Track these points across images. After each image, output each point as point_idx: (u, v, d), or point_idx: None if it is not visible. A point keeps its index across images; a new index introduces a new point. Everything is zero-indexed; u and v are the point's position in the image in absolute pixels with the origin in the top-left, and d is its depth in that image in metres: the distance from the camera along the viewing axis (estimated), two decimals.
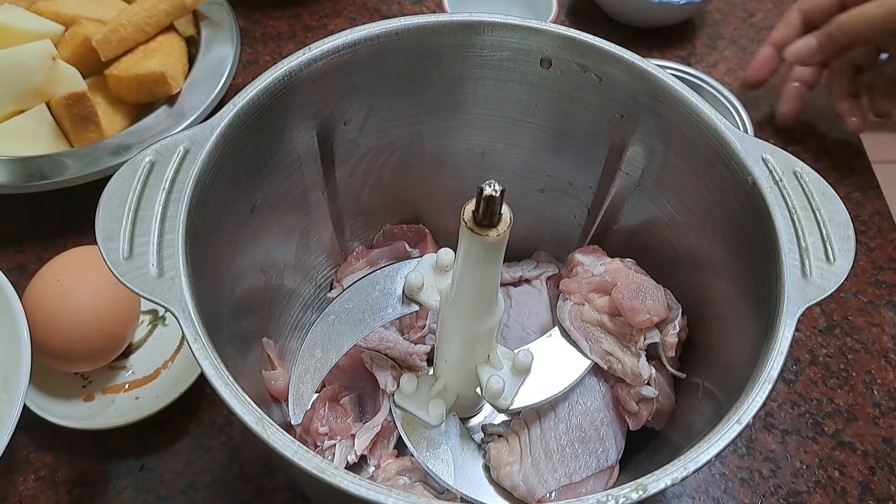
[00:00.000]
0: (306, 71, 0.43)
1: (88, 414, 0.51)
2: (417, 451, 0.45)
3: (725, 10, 0.85)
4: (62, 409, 0.51)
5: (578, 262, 0.49)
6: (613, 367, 0.46)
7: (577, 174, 0.51)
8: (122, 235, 0.35)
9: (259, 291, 0.47)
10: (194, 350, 0.33)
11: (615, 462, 0.46)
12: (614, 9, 0.81)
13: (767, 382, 0.33)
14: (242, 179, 0.42)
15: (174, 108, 0.64)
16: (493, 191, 0.32)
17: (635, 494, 0.30)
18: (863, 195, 0.69)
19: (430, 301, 0.44)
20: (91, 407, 0.52)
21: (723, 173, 0.42)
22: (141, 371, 0.54)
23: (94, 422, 0.50)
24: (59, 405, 0.51)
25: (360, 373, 0.50)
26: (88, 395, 0.52)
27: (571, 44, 0.45)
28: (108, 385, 0.53)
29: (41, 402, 0.50)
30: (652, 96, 0.44)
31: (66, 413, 0.51)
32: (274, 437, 0.30)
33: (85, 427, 0.50)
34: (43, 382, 0.51)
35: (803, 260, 0.37)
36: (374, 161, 0.51)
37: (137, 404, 0.52)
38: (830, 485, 0.52)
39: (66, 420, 0.50)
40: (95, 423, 0.50)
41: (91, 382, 0.53)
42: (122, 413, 0.51)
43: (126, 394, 0.52)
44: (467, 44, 0.46)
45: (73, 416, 0.50)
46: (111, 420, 0.50)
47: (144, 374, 0.54)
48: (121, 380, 0.53)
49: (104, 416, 0.51)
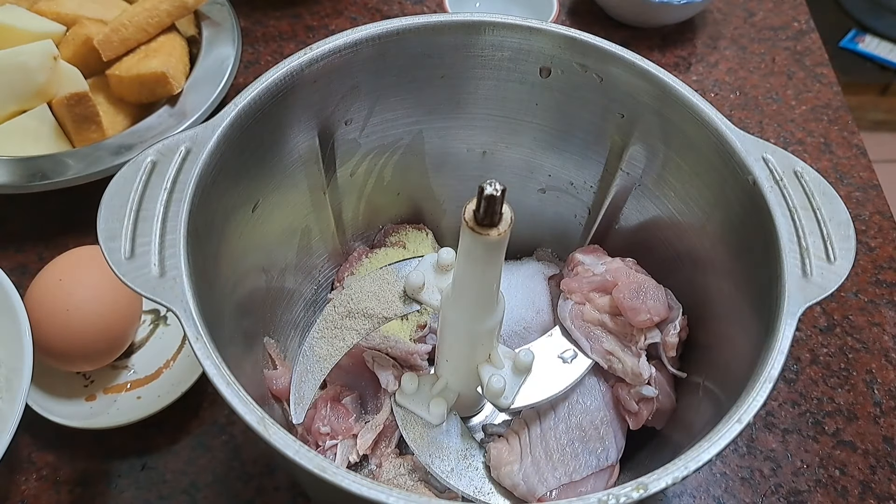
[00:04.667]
0: (307, 71, 0.43)
1: (90, 413, 0.51)
2: (418, 450, 0.45)
3: (726, 10, 0.85)
4: (64, 408, 0.51)
5: (579, 262, 0.49)
6: (614, 366, 0.46)
7: (578, 174, 0.52)
8: (124, 235, 0.35)
9: (260, 291, 0.47)
10: (196, 349, 0.33)
11: (615, 461, 0.46)
12: (615, 9, 0.81)
13: (768, 382, 0.33)
14: (244, 179, 0.42)
15: (175, 108, 0.64)
16: (494, 190, 0.32)
17: (636, 493, 0.30)
18: (863, 195, 0.69)
19: (431, 300, 0.45)
20: (93, 406, 0.52)
21: (723, 173, 0.42)
22: (143, 370, 0.54)
23: (96, 421, 0.50)
24: (61, 405, 0.51)
25: (361, 372, 0.50)
26: (90, 395, 0.52)
27: (572, 44, 0.45)
28: (110, 384, 0.53)
29: (43, 402, 0.50)
30: (652, 96, 0.44)
31: (68, 413, 0.51)
32: (275, 437, 0.31)
33: (87, 426, 0.50)
34: (45, 382, 0.51)
35: (804, 259, 0.37)
36: (375, 161, 0.51)
37: (139, 404, 0.52)
38: (831, 484, 0.52)
39: (68, 419, 0.50)
40: (97, 422, 0.50)
41: (93, 382, 0.53)
42: (123, 412, 0.51)
43: (128, 393, 0.53)
44: (468, 44, 0.46)
45: (75, 416, 0.50)
46: (113, 419, 0.50)
47: (146, 373, 0.54)
48: (122, 379, 0.53)
49: (106, 416, 0.51)
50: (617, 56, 0.45)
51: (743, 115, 0.75)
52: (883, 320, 0.61)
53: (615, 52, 0.45)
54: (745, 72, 0.79)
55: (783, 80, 0.78)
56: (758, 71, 0.79)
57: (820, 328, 0.60)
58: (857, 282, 0.63)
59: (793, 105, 0.76)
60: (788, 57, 0.80)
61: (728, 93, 0.77)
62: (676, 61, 0.79)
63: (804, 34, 0.83)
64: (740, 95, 0.76)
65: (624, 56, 0.45)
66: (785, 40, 0.82)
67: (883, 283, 0.63)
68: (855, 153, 0.72)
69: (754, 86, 0.77)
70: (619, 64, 0.45)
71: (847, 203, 0.40)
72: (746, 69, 0.79)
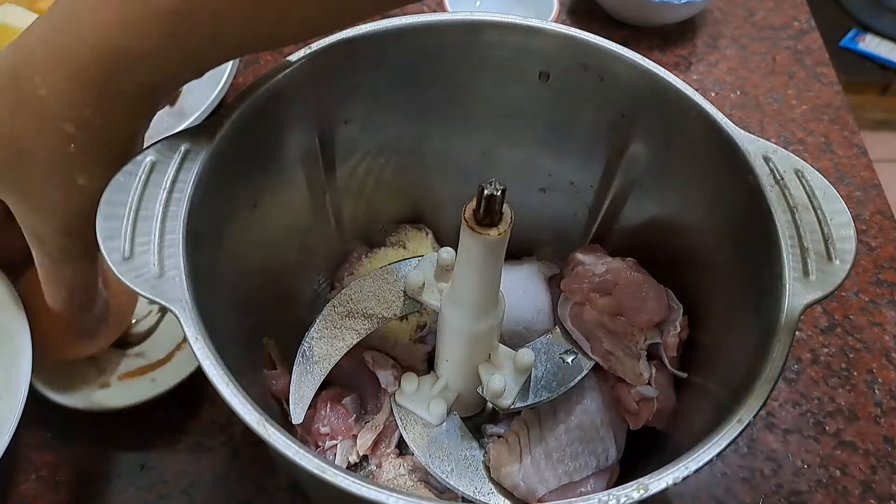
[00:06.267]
0: (307, 70, 0.43)
1: (106, 399, 0.51)
2: (418, 450, 0.45)
3: (726, 10, 0.85)
4: (79, 398, 0.51)
5: (579, 262, 0.49)
6: (614, 366, 0.46)
7: (578, 173, 0.51)
8: (123, 235, 0.35)
9: (260, 291, 0.47)
10: (195, 349, 0.33)
11: (615, 462, 0.46)
12: (615, 8, 0.80)
13: (768, 382, 0.33)
14: (243, 179, 0.42)
15: (175, 107, 0.64)
16: (494, 190, 0.32)
17: (636, 494, 0.30)
18: (864, 194, 0.69)
19: (431, 300, 0.44)
20: (107, 393, 0.52)
21: (724, 172, 0.42)
22: (155, 355, 0.54)
23: (114, 401, 0.51)
24: (75, 396, 0.51)
25: (361, 372, 0.50)
26: (104, 383, 0.53)
27: (572, 43, 0.45)
28: (123, 372, 0.53)
29: (57, 393, 0.50)
30: (653, 95, 0.44)
31: (84, 400, 0.51)
32: (275, 437, 0.30)
33: (105, 407, 0.50)
34: (57, 377, 0.52)
35: (804, 259, 0.37)
36: (374, 160, 0.51)
37: (155, 385, 0.52)
38: (832, 484, 0.52)
39: (84, 404, 0.50)
40: (115, 402, 0.51)
41: (105, 371, 0.53)
42: (140, 393, 0.51)
43: (142, 377, 0.53)
44: (468, 43, 0.46)
45: (91, 402, 0.51)
46: (129, 399, 0.51)
47: (158, 357, 0.54)
48: (135, 365, 0.54)
49: (123, 397, 0.51)
50: (617, 55, 0.45)
51: (743, 115, 0.75)
52: (884, 320, 0.61)
53: (615, 52, 0.45)
54: (746, 71, 0.78)
55: (784, 80, 0.78)
56: (758, 70, 0.79)
57: (821, 328, 0.60)
58: (857, 282, 0.63)
59: (793, 104, 0.76)
60: (789, 56, 0.80)
61: (728, 92, 0.77)
62: (677, 61, 0.79)
63: (805, 33, 0.83)
64: (741, 95, 0.76)
65: (624, 55, 0.44)
66: (785, 39, 0.82)
67: (884, 282, 0.63)
68: (856, 153, 0.72)
69: (755, 85, 0.77)
70: (619, 63, 0.45)
71: (848, 203, 0.39)
72: (747, 68, 0.79)
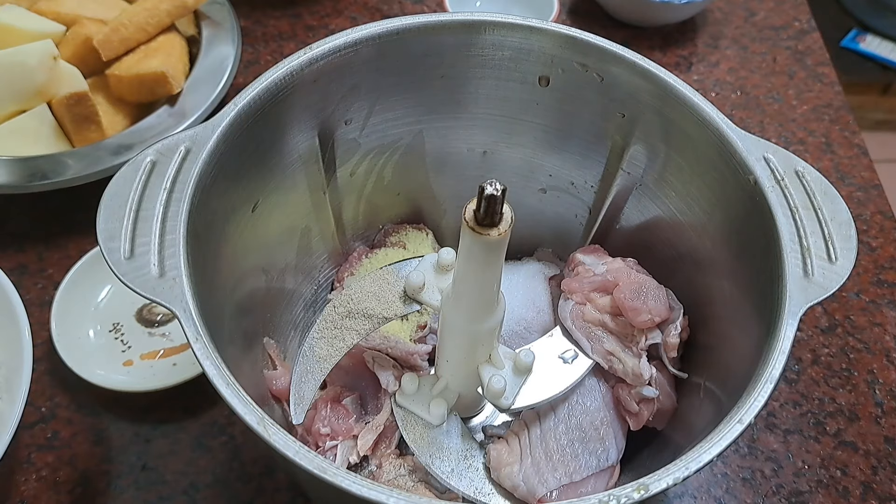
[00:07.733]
0: (307, 70, 0.43)
1: (128, 379, 0.53)
2: (419, 450, 0.45)
3: (727, 10, 0.85)
4: (103, 372, 0.53)
5: (580, 262, 0.49)
6: (614, 367, 0.46)
7: (579, 173, 0.51)
8: (124, 235, 0.35)
9: (260, 291, 0.47)
10: (195, 350, 0.33)
11: (615, 462, 0.46)
12: (615, 8, 0.80)
13: (769, 382, 0.33)
14: (244, 179, 0.42)
15: (175, 107, 0.64)
16: (495, 190, 0.32)
17: (637, 494, 0.30)
18: (865, 194, 0.69)
19: (431, 300, 0.44)
20: (130, 371, 0.54)
21: (724, 172, 0.42)
22: (178, 339, 0.56)
23: (135, 385, 0.52)
24: (100, 368, 0.53)
25: (361, 373, 0.50)
26: (128, 360, 0.54)
27: (573, 43, 0.45)
28: (146, 351, 0.55)
29: (83, 366, 0.52)
30: (653, 95, 0.44)
31: (107, 378, 0.52)
32: (275, 438, 0.30)
33: (127, 389, 0.52)
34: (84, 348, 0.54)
35: (805, 259, 0.37)
36: (375, 160, 0.51)
37: (176, 370, 0.53)
38: (832, 484, 0.52)
39: (107, 383, 0.51)
40: (137, 385, 0.52)
41: (130, 348, 0.55)
42: (160, 378, 0.53)
43: (163, 360, 0.54)
44: (468, 43, 0.46)
45: (113, 381, 0.52)
46: (150, 384, 0.52)
47: (182, 341, 0.55)
48: (158, 346, 0.55)
49: (143, 381, 0.53)
50: (618, 55, 0.45)
51: (744, 115, 0.75)
52: (884, 320, 0.61)
53: (616, 52, 0.45)
54: (747, 71, 0.78)
55: (784, 80, 0.78)
56: (759, 70, 0.79)
57: (821, 328, 0.60)
58: (858, 282, 0.63)
59: (794, 105, 0.76)
60: (789, 56, 0.80)
61: (729, 92, 0.77)
62: (677, 61, 0.79)
63: (805, 34, 0.83)
64: (741, 95, 0.76)
65: (625, 55, 0.44)
66: (786, 40, 0.82)
67: (884, 283, 0.63)
68: (856, 153, 0.72)
69: (755, 85, 0.77)
70: (619, 63, 0.45)
71: (848, 203, 0.39)
72: (747, 69, 0.79)
